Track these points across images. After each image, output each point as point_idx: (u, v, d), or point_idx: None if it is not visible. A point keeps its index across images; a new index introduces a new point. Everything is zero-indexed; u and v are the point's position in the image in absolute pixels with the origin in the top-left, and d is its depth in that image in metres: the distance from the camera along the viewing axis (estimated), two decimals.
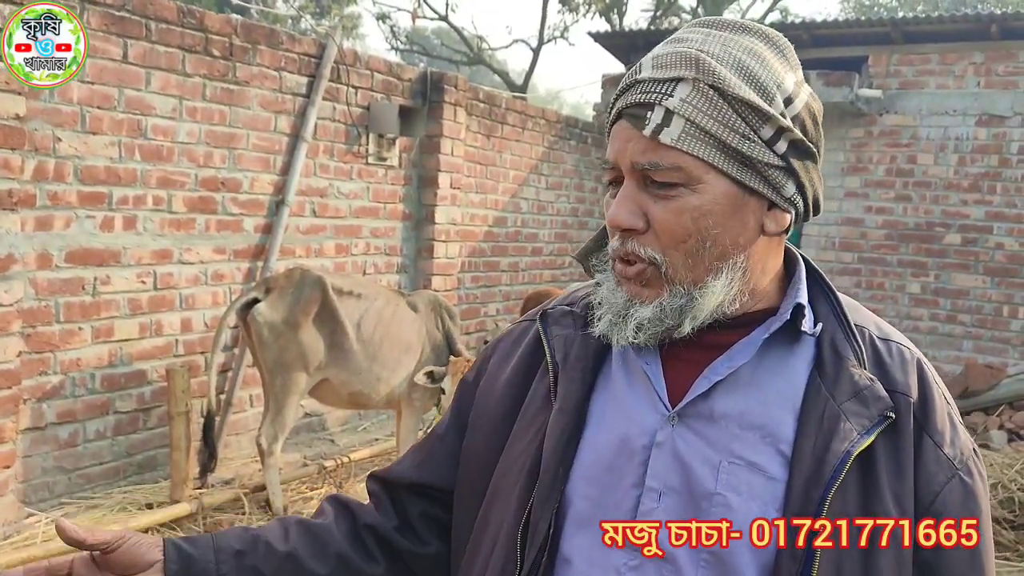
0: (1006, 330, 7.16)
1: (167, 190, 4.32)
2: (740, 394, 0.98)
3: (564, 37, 16.44)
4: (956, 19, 7.45)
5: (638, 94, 0.96)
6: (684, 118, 0.93)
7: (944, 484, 0.96)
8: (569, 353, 1.07)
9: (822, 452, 0.93)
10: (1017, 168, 7.10)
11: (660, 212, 0.95)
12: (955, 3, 16.75)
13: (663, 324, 0.97)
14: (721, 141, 0.94)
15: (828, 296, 1.05)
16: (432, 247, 6.00)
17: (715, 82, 0.93)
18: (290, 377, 4.04)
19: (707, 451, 0.97)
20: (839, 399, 0.95)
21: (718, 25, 1.00)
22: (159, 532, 3.76)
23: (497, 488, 1.08)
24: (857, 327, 1.02)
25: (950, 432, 0.98)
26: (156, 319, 4.36)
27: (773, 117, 0.94)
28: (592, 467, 1.02)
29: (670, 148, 0.93)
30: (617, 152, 0.98)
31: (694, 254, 0.96)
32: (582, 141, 7.96)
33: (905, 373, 0.99)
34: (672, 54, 0.96)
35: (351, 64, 5.30)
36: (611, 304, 1.00)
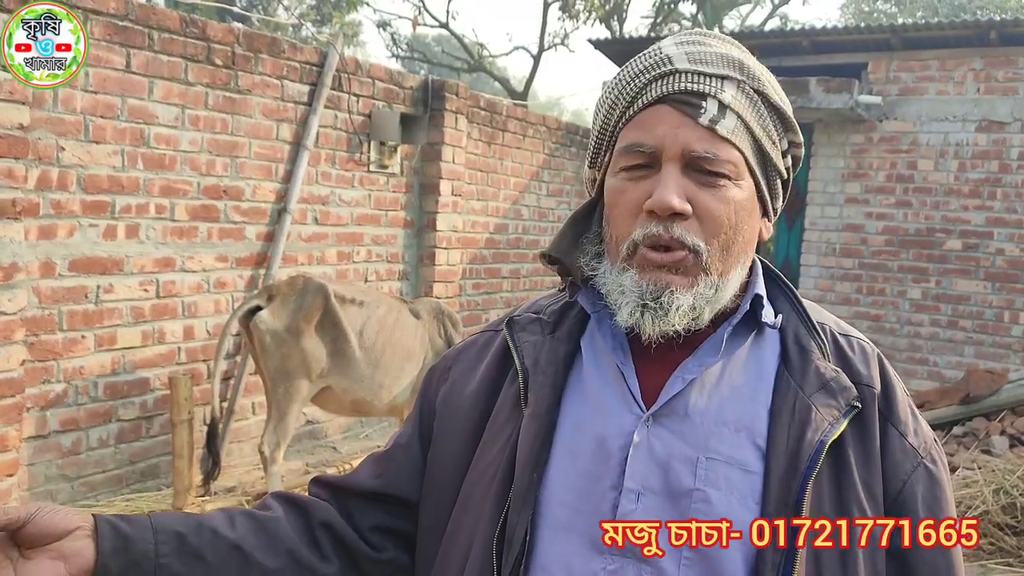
0: (1007, 335, 7.16)
1: (170, 198, 4.33)
2: (712, 390, 1.00)
3: (564, 44, 16.50)
4: (955, 25, 7.47)
5: (686, 82, 0.96)
6: (736, 115, 0.96)
7: (911, 472, 0.99)
8: (539, 359, 1.06)
9: (796, 443, 0.94)
10: (1017, 174, 7.11)
11: (708, 200, 0.96)
12: (954, 9, 16.78)
13: (694, 313, 0.97)
14: (759, 143, 0.99)
15: (786, 293, 1.07)
16: (434, 254, 6.01)
17: (759, 87, 0.98)
18: (292, 384, 4.05)
19: (684, 449, 0.97)
20: (808, 391, 0.98)
21: (724, 39, 1.03)
22: None
23: (468, 496, 1.06)
24: (819, 323, 1.05)
25: (912, 422, 1.01)
26: (159, 327, 4.38)
27: (793, 128, 1.00)
28: (567, 471, 1.01)
29: (725, 140, 0.95)
30: (663, 137, 0.96)
31: (727, 246, 0.98)
32: (583, 148, 7.98)
33: (868, 366, 1.02)
34: (710, 53, 0.98)
35: (352, 72, 5.32)
36: (639, 292, 0.97)
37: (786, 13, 20.43)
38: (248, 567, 1.06)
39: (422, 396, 1.21)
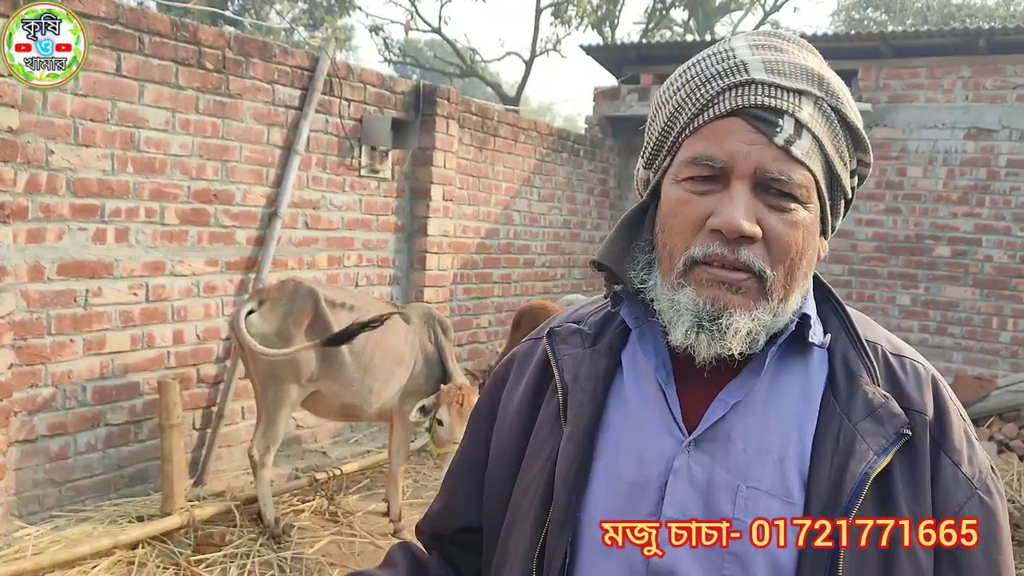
0: (995, 341, 7.20)
1: (160, 202, 4.32)
2: (756, 416, 0.96)
3: (556, 50, 16.53)
4: (944, 33, 7.52)
5: (762, 96, 0.90)
6: (812, 135, 0.90)
7: (963, 504, 0.93)
8: (579, 373, 1.04)
9: (839, 474, 0.90)
10: (1005, 181, 7.15)
11: (778, 224, 0.91)
12: (944, 18, 16.89)
13: (750, 337, 0.92)
14: (830, 164, 0.93)
15: (838, 311, 1.02)
16: (424, 259, 6.01)
17: (837, 104, 0.92)
18: (282, 389, 4.04)
19: (725, 476, 0.94)
20: (854, 418, 0.93)
21: (802, 44, 0.97)
22: (150, 544, 3.75)
23: (513, 517, 1.05)
24: (869, 343, 0.99)
25: (967, 450, 0.95)
26: (148, 331, 4.36)
27: (865, 147, 0.94)
28: (607, 494, 0.99)
29: (798, 162, 0.90)
30: (735, 152, 0.90)
31: (792, 271, 0.93)
32: (574, 153, 7.99)
33: (920, 390, 0.96)
34: (790, 64, 0.92)
35: (344, 77, 5.32)
36: (695, 311, 0.93)
37: (777, 20, 20.53)
38: None
39: (475, 414, 1.21)
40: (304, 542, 4.08)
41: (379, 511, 4.56)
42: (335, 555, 4.03)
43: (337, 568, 3.89)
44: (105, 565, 3.55)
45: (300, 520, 4.33)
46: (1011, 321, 7.17)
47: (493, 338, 7.06)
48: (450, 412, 4.03)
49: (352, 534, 4.26)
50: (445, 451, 4.04)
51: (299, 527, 4.24)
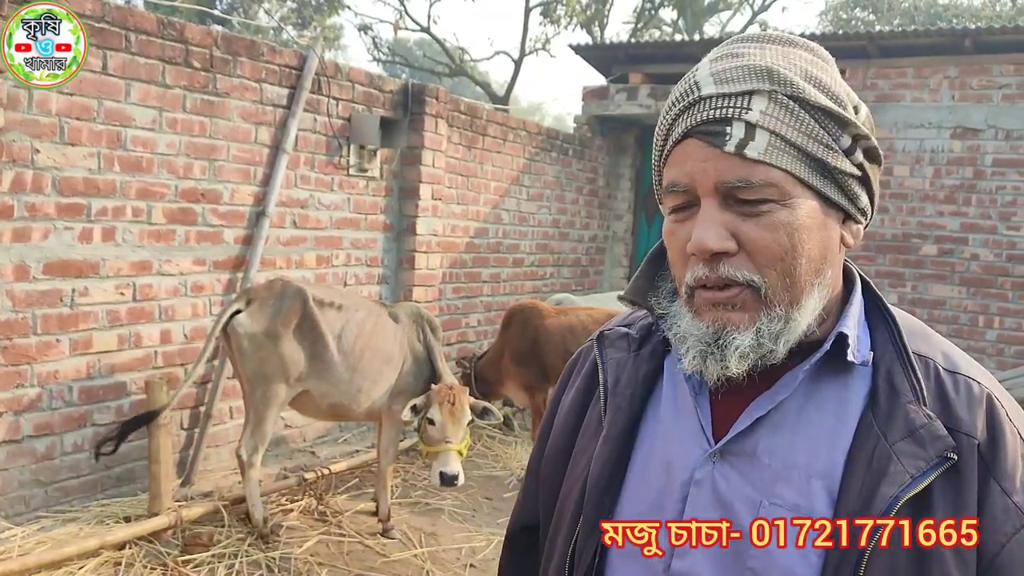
0: (982, 340, 7.25)
1: (147, 201, 4.30)
2: (786, 431, 0.94)
3: (546, 49, 16.56)
4: (931, 33, 7.56)
5: (708, 111, 0.90)
6: (768, 131, 0.89)
7: (1011, 535, 0.87)
8: (620, 378, 1.06)
9: (869, 496, 0.87)
10: (991, 180, 7.20)
11: (753, 230, 0.89)
12: (931, 18, 16.98)
13: (762, 350, 0.91)
14: (806, 152, 0.90)
15: (887, 321, 0.98)
16: (413, 258, 6.01)
17: (794, 92, 0.90)
18: (270, 388, 4.03)
19: (748, 490, 0.93)
20: (891, 438, 0.89)
21: (766, 39, 0.96)
22: (138, 545, 3.74)
23: (559, 514, 1.08)
24: (920, 357, 0.95)
25: (1022, 476, 0.88)
26: (135, 331, 4.34)
27: (851, 124, 0.91)
28: (637, 499, 1.00)
29: (758, 163, 0.89)
30: (692, 173, 0.91)
31: (791, 273, 0.90)
32: (563, 153, 8.00)
33: (971, 411, 0.91)
34: (738, 67, 0.91)
35: (332, 76, 5.31)
36: (698, 337, 0.93)
37: (766, 20, 20.59)
38: None
39: (547, 412, 1.24)
40: (292, 542, 4.07)
41: (368, 511, 4.55)
42: (323, 555, 4.03)
43: (326, 568, 3.89)
44: (92, 566, 3.54)
45: (288, 520, 4.33)
46: (997, 319, 7.21)
47: (482, 337, 7.06)
48: (441, 412, 4.03)
49: (341, 534, 4.26)
50: (435, 450, 4.04)
51: (287, 527, 4.23)
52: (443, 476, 3.99)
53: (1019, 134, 7.07)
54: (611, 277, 9.02)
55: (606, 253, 8.99)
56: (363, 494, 4.78)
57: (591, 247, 8.67)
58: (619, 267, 9.08)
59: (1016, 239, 7.12)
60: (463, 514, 4.77)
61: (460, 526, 4.60)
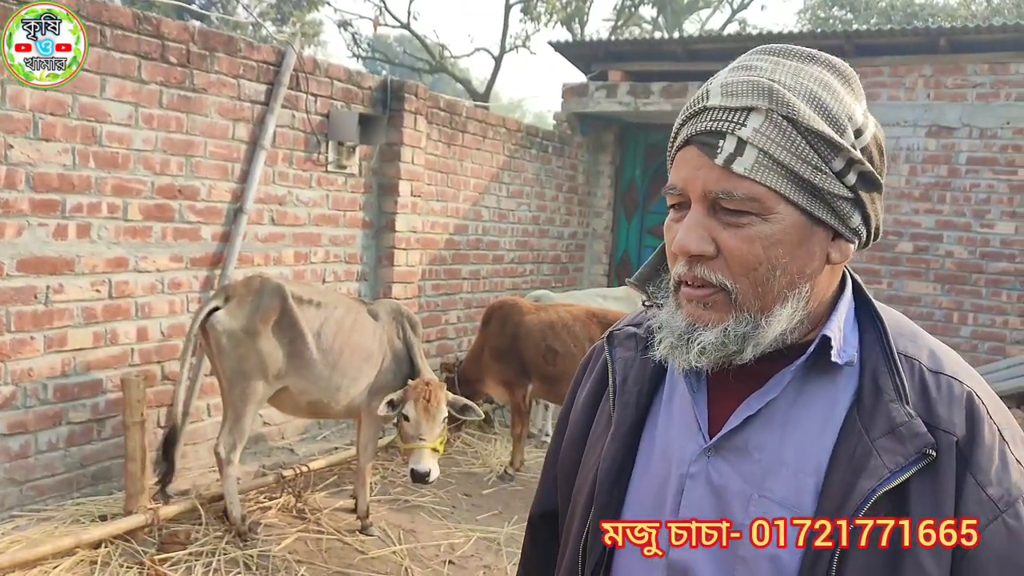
0: (956, 336, 7.33)
1: (122, 198, 4.27)
2: (775, 428, 0.99)
3: (526, 46, 16.54)
4: (907, 32, 7.63)
5: (708, 122, 0.96)
6: (757, 148, 0.93)
7: (985, 526, 0.91)
8: (628, 376, 1.12)
9: (848, 489, 0.92)
10: (965, 178, 7.28)
11: (731, 240, 0.95)
12: (907, 17, 17.13)
13: (726, 349, 0.97)
14: (793, 172, 0.94)
15: (876, 324, 1.02)
16: (392, 255, 6.00)
17: (789, 113, 0.93)
18: (249, 386, 4.01)
19: (740, 484, 0.99)
20: (873, 435, 0.94)
21: (786, 53, 0.99)
22: (114, 544, 3.71)
23: (573, 505, 1.15)
24: (905, 358, 0.99)
25: (997, 471, 0.93)
26: (111, 328, 4.31)
27: (844, 149, 0.94)
28: (642, 492, 1.07)
29: (743, 178, 0.93)
30: (686, 179, 0.98)
31: (764, 283, 0.95)
32: (543, 150, 8.01)
33: (952, 409, 0.95)
34: (743, 82, 0.95)
35: (310, 72, 5.28)
36: (672, 328, 1.00)
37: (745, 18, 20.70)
38: None
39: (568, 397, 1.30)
40: (271, 539, 4.06)
41: (347, 508, 4.54)
42: (302, 552, 4.02)
43: (304, 565, 3.88)
44: (67, 565, 3.51)
45: (267, 517, 4.31)
46: (971, 316, 7.30)
47: (462, 334, 7.06)
48: (416, 408, 4.02)
49: (319, 531, 4.25)
50: (411, 447, 4.04)
51: (266, 524, 4.22)
52: (414, 473, 3.99)
53: (992, 132, 7.15)
54: (591, 274, 9.05)
55: (586, 250, 9.02)
56: (342, 491, 4.77)
57: (571, 244, 8.68)
58: (599, 264, 9.11)
59: (989, 236, 7.21)
60: (442, 511, 4.77)
61: (439, 523, 4.60)
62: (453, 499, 4.99)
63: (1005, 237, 7.15)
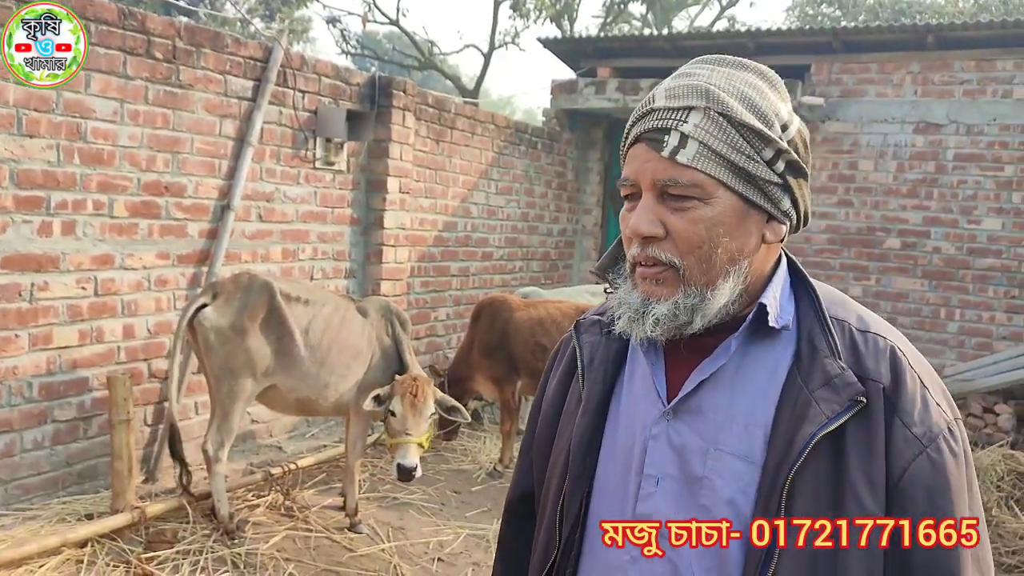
0: (943, 332, 7.37)
1: (108, 194, 4.24)
2: (726, 389, 1.12)
3: (515, 43, 16.51)
4: (894, 29, 7.65)
5: (655, 121, 1.10)
6: (698, 141, 1.07)
7: (911, 460, 1.04)
8: (595, 358, 1.25)
9: (792, 435, 1.04)
10: (952, 174, 7.31)
11: (678, 222, 1.09)
12: (895, 14, 17.18)
13: (677, 320, 1.10)
14: (729, 161, 1.08)
15: (810, 294, 1.16)
16: (381, 252, 5.98)
17: (724, 110, 1.07)
18: (236, 383, 3.99)
19: (697, 441, 1.11)
20: (811, 387, 1.06)
21: (720, 62, 1.14)
22: (100, 543, 3.69)
23: (548, 480, 1.27)
24: (837, 321, 1.12)
25: (920, 412, 1.06)
26: (97, 326, 4.28)
27: (773, 140, 1.09)
28: (611, 458, 1.19)
29: (686, 167, 1.07)
30: (637, 171, 1.12)
31: (707, 259, 1.09)
32: (532, 146, 8.00)
33: (878, 361, 1.08)
34: (684, 86, 1.10)
35: (298, 68, 5.26)
36: (629, 304, 1.13)
37: (734, 15, 20.73)
38: None
39: (537, 397, 1.42)
40: (259, 537, 4.04)
41: (335, 505, 4.53)
42: (290, 550, 4.00)
43: (292, 563, 3.86)
44: (53, 564, 3.49)
45: (255, 515, 4.29)
46: (958, 312, 7.33)
47: (451, 331, 7.05)
48: (403, 403, 4.01)
49: (308, 529, 4.23)
50: (397, 442, 4.02)
51: (254, 522, 4.20)
52: (400, 468, 3.97)
53: (979, 129, 7.19)
54: (580, 271, 9.05)
55: (575, 247, 9.02)
56: (330, 489, 4.76)
57: (560, 241, 8.68)
58: (588, 260, 9.11)
59: (976, 232, 7.24)
60: (431, 508, 4.76)
61: (428, 520, 4.59)
62: (442, 496, 4.98)
63: (992, 233, 7.19)
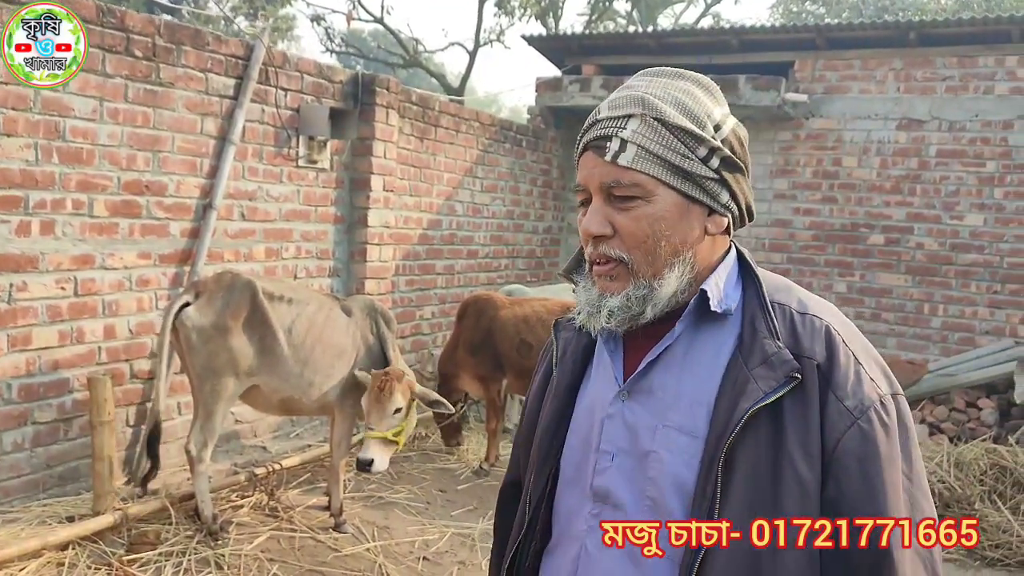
0: (927, 327, 7.41)
1: (88, 194, 4.20)
2: (674, 370, 1.21)
3: (500, 40, 16.46)
4: (877, 26, 7.68)
5: (599, 130, 1.20)
6: (636, 144, 1.17)
7: (844, 431, 1.11)
8: (567, 351, 1.36)
9: (732, 410, 1.12)
10: (935, 170, 7.35)
11: (623, 220, 1.18)
12: (878, 11, 17.26)
13: (630, 311, 1.20)
14: (666, 161, 1.17)
15: (754, 281, 1.24)
16: (365, 250, 5.95)
17: (658, 115, 1.17)
18: (219, 383, 3.97)
19: (648, 418, 1.20)
20: (751, 366, 1.14)
21: (660, 74, 1.24)
22: (81, 545, 3.66)
23: (531, 462, 1.37)
24: (778, 305, 1.21)
25: (852, 385, 1.13)
26: (77, 326, 4.24)
27: (706, 140, 1.18)
28: (575, 438, 1.30)
29: (627, 169, 1.17)
30: (586, 176, 1.22)
31: (652, 252, 1.18)
32: (517, 144, 7.98)
33: (814, 340, 1.16)
34: (624, 97, 1.20)
35: (280, 66, 5.23)
36: (587, 299, 1.24)
37: (719, 12, 20.79)
38: None
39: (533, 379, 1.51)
40: (243, 538, 4.01)
41: (320, 505, 4.51)
42: (274, 551, 3.98)
43: (277, 564, 3.84)
44: (33, 567, 3.45)
45: (239, 516, 4.26)
46: (941, 307, 7.37)
47: (436, 330, 7.03)
48: (368, 397, 4.04)
49: (292, 529, 4.21)
50: (361, 436, 4.03)
51: (237, 523, 4.17)
52: (357, 461, 4.01)
53: (961, 125, 7.23)
54: None
55: (561, 244, 9.01)
56: (315, 488, 4.73)
57: (545, 238, 8.67)
58: None
59: (959, 228, 7.28)
60: (416, 507, 4.74)
61: (413, 519, 4.58)
62: (427, 495, 4.97)
63: (974, 229, 7.23)
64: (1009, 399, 6.01)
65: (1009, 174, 7.08)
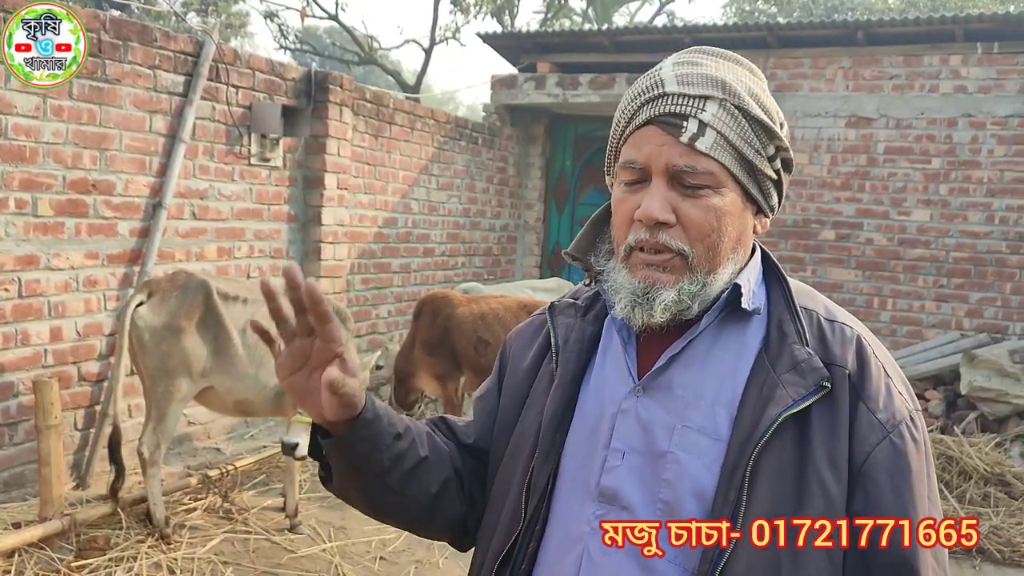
0: (877, 321, 7.55)
1: (32, 193, 4.10)
2: (695, 368, 1.14)
3: (456, 38, 16.44)
4: (826, 25, 7.81)
5: (670, 105, 1.09)
6: (715, 131, 1.08)
7: (875, 445, 1.06)
8: (569, 338, 1.25)
9: (759, 415, 1.06)
10: (883, 167, 7.50)
11: (690, 209, 1.09)
12: (828, 11, 17.56)
13: (680, 305, 1.11)
14: (741, 153, 1.10)
15: (781, 284, 1.19)
16: (319, 249, 5.90)
17: (740, 103, 1.10)
18: (172, 384, 3.90)
19: (665, 417, 1.12)
20: (779, 371, 1.09)
21: (720, 55, 1.16)
22: (28, 552, 3.57)
23: (512, 451, 1.26)
24: (805, 310, 1.16)
25: (884, 399, 1.09)
26: (22, 328, 4.14)
27: (777, 137, 1.13)
28: (580, 433, 1.20)
29: (703, 155, 1.08)
30: (649, 155, 1.10)
31: (713, 247, 1.11)
32: (472, 142, 7.98)
33: (844, 348, 1.11)
34: (697, 75, 1.11)
35: (231, 63, 5.16)
36: (630, 290, 1.13)
37: (673, 10, 20.97)
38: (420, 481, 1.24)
39: (499, 360, 1.40)
40: (196, 541, 3.96)
41: (275, 507, 4.46)
42: (228, 553, 3.93)
43: (231, 567, 3.79)
44: None
45: (192, 519, 4.20)
46: (890, 301, 7.53)
47: (393, 328, 7.00)
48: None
49: (247, 531, 4.16)
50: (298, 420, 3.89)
51: (191, 526, 4.11)
52: (282, 444, 3.83)
53: (908, 123, 7.38)
54: (523, 266, 9.06)
55: (517, 242, 9.02)
56: (270, 490, 4.68)
57: (502, 236, 8.68)
58: (530, 256, 9.12)
59: (906, 223, 7.44)
60: None
61: (370, 519, 4.54)
62: None
63: (921, 224, 7.40)
64: (955, 390, 6.16)
65: (954, 171, 7.25)
